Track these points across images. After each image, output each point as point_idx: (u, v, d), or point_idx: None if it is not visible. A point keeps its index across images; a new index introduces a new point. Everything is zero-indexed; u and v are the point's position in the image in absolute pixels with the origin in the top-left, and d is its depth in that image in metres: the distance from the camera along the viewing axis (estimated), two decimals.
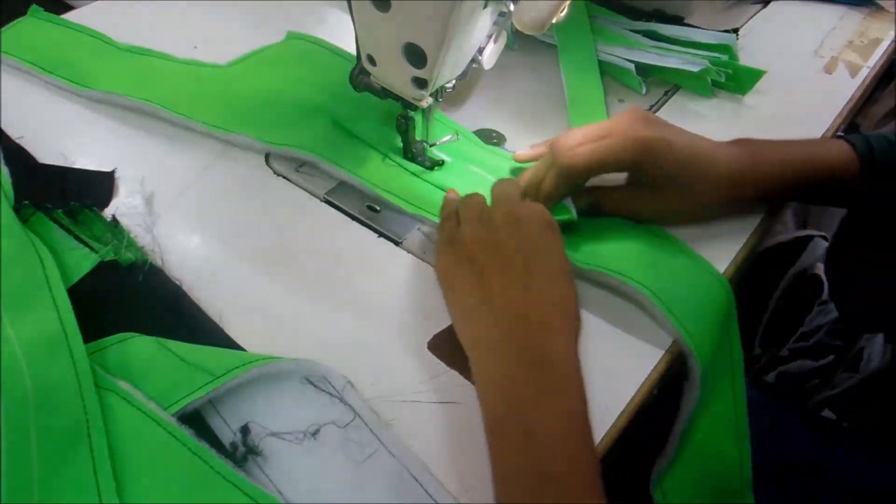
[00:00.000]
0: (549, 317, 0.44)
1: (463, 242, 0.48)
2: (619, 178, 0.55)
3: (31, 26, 0.74)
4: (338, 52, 0.72)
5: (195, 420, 0.44)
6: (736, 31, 0.73)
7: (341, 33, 0.75)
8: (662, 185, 0.53)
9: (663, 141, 0.52)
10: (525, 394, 0.41)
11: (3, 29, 0.72)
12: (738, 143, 0.56)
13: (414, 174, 0.59)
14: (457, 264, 0.47)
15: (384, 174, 0.59)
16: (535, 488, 0.39)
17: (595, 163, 0.52)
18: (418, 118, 0.59)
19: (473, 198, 0.52)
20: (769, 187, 0.55)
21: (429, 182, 0.59)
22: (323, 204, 0.59)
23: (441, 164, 0.60)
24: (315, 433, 0.44)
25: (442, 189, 0.58)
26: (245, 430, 0.44)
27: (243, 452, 0.43)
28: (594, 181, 0.55)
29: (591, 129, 0.53)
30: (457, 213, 0.51)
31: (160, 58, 0.71)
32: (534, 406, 0.40)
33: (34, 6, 0.75)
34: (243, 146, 0.63)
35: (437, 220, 0.55)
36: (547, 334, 0.43)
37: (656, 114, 0.68)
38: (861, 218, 0.63)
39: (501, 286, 0.45)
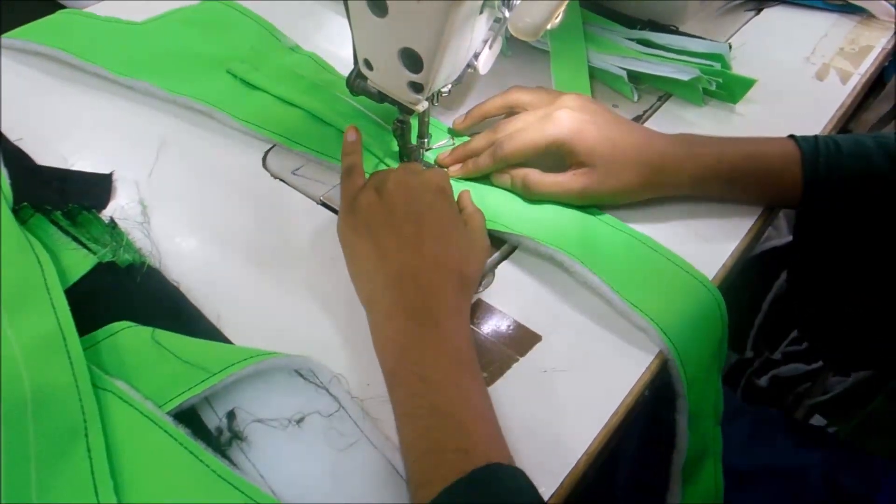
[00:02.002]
0: (436, 276, 0.47)
1: (359, 208, 0.51)
2: None
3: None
4: (249, 15, 0.77)
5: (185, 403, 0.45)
6: (730, 45, 0.74)
7: (339, 38, 0.76)
8: (589, 164, 0.57)
9: (589, 120, 0.56)
10: (414, 344, 0.45)
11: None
12: (679, 135, 0.59)
13: None
14: (354, 230, 0.51)
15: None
16: (431, 422, 0.42)
17: (528, 148, 0.57)
18: (414, 122, 0.60)
19: (381, 170, 0.56)
20: (702, 175, 0.57)
21: None
22: (319, 206, 0.60)
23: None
24: (300, 421, 0.45)
25: None
26: (231, 415, 0.45)
27: (228, 437, 0.43)
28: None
29: (529, 116, 0.59)
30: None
31: (80, 14, 0.76)
32: (422, 354, 0.44)
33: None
34: (142, 91, 0.68)
35: None
36: (434, 292, 0.47)
37: (646, 120, 0.69)
38: (810, 231, 0.64)
39: (394, 249, 0.48)
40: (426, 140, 0.61)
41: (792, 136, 0.58)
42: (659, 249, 0.55)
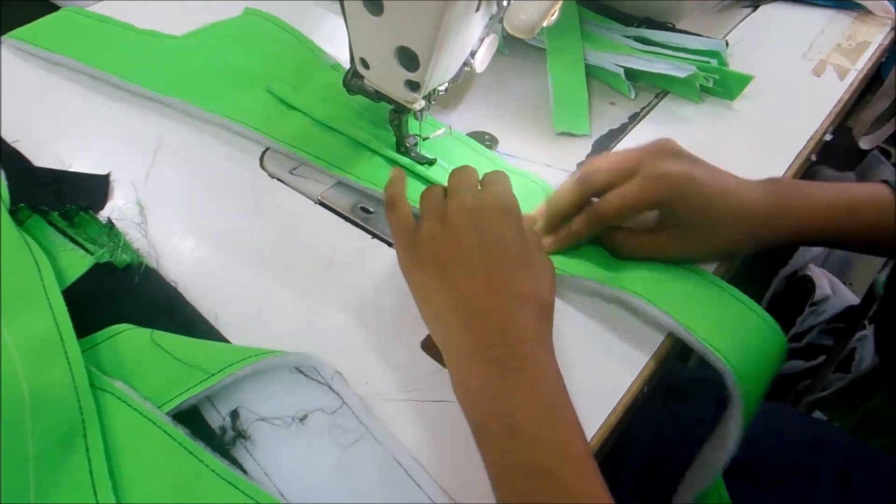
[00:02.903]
0: (514, 309, 0.43)
1: (422, 241, 0.47)
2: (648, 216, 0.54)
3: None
4: (290, 31, 0.74)
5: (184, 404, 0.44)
6: (727, 42, 0.74)
7: (335, 37, 0.76)
8: (690, 223, 0.51)
9: (690, 177, 0.50)
10: (499, 393, 0.41)
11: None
12: (770, 181, 0.54)
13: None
14: (418, 264, 0.47)
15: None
16: (530, 485, 0.38)
17: (628, 210, 0.50)
18: (411, 118, 0.60)
19: (431, 190, 0.50)
20: (802, 228, 0.53)
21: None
22: (317, 206, 0.59)
23: (433, 162, 0.61)
24: (303, 419, 0.45)
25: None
26: (234, 414, 0.45)
27: (232, 436, 0.44)
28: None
29: (617, 162, 0.52)
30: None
31: (119, 26, 0.74)
32: (510, 404, 0.40)
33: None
34: (179, 109, 0.66)
35: None
36: (512, 328, 0.43)
37: (644, 117, 0.69)
38: None
39: (465, 284, 0.44)
40: (416, 137, 0.61)
41: (885, 181, 0.54)
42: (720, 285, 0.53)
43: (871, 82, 0.84)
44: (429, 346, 0.49)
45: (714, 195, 0.50)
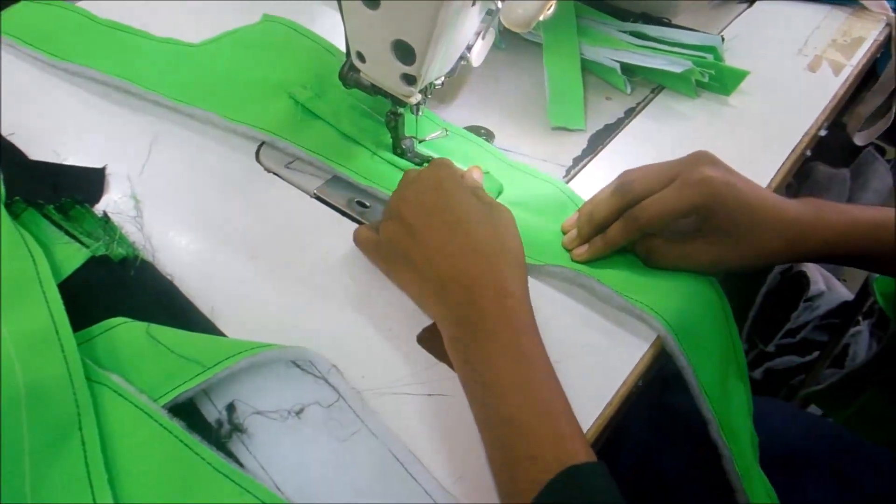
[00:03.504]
0: (474, 266, 0.46)
1: (386, 242, 0.51)
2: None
3: (26, 8, 0.76)
4: (310, 36, 0.73)
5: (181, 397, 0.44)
6: (722, 37, 0.74)
7: (332, 31, 0.76)
8: (729, 229, 0.51)
9: (729, 183, 0.50)
10: (472, 350, 0.44)
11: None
12: (805, 199, 0.54)
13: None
14: (390, 263, 0.51)
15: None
16: (503, 433, 0.41)
17: (667, 215, 0.50)
18: (408, 114, 0.60)
19: (386, 204, 0.54)
20: (839, 243, 0.53)
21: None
22: (313, 200, 0.59)
23: (430, 160, 0.61)
24: (299, 412, 0.45)
25: None
26: (230, 408, 0.45)
27: (228, 430, 0.44)
28: None
29: (656, 169, 0.52)
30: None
31: (138, 35, 0.73)
32: (481, 359, 0.43)
33: None
34: (202, 120, 0.65)
35: None
36: (475, 282, 0.45)
37: (640, 112, 0.69)
38: None
39: (428, 264, 0.47)
40: (413, 139, 0.61)
41: None
42: None
43: (867, 78, 0.84)
44: (424, 340, 0.50)
45: (754, 201, 0.51)
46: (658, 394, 0.69)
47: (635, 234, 0.52)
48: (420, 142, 0.61)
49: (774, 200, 0.52)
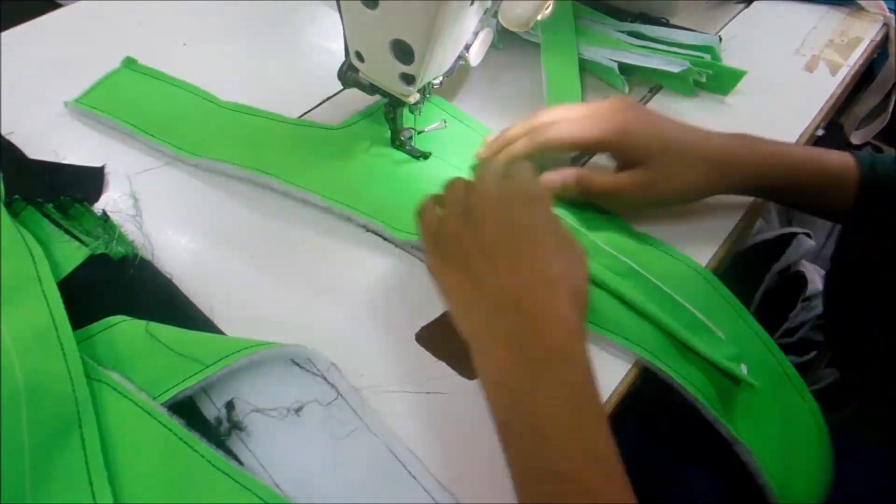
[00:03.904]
0: (541, 295, 0.41)
1: (446, 239, 0.45)
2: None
3: (127, 79, 0.69)
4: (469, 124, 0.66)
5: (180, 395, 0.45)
6: (720, 37, 0.75)
7: (330, 31, 0.76)
8: (645, 162, 0.52)
9: (641, 119, 0.52)
10: (525, 389, 0.38)
11: (97, 82, 0.68)
12: (738, 133, 0.55)
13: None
14: (444, 262, 0.45)
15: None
16: (552, 488, 0.36)
17: (571, 140, 0.52)
18: (408, 114, 0.60)
19: (453, 185, 0.49)
20: (759, 175, 0.54)
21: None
22: None
23: (428, 155, 0.61)
24: (298, 410, 0.45)
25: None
26: (230, 405, 0.45)
27: (227, 428, 0.44)
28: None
29: (571, 109, 0.54)
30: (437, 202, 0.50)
31: (266, 118, 0.65)
32: (536, 402, 0.38)
33: (127, 57, 0.70)
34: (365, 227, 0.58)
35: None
36: (541, 318, 0.40)
37: None
38: (855, 248, 0.58)
39: (490, 274, 0.42)
40: (412, 130, 0.61)
41: (852, 153, 0.56)
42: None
43: (863, 78, 0.84)
44: (423, 339, 0.50)
45: (669, 133, 0.53)
46: (655, 392, 0.69)
47: (537, 149, 0.53)
48: (418, 133, 0.61)
49: (697, 132, 0.54)
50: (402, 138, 0.61)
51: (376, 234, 0.56)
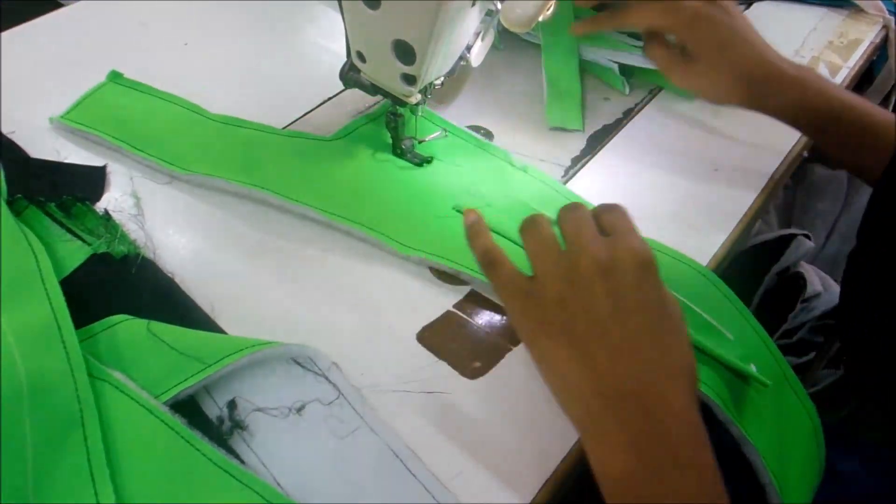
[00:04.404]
0: (665, 388, 0.37)
1: (547, 304, 0.40)
2: None
3: (113, 94, 0.67)
4: (485, 147, 0.64)
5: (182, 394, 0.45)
6: None
7: (332, 31, 0.76)
8: (695, 60, 0.58)
9: (715, 12, 0.57)
10: (648, 492, 0.36)
11: (83, 97, 0.66)
12: (802, 66, 0.60)
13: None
14: (543, 330, 0.40)
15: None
16: None
17: (647, 19, 0.59)
18: (408, 115, 0.60)
19: (541, 233, 0.42)
20: (810, 103, 0.58)
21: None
22: None
23: (430, 160, 0.61)
24: (300, 409, 0.45)
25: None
26: (231, 404, 0.45)
27: (229, 427, 0.44)
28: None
29: None
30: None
31: (258, 129, 0.64)
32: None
33: (113, 71, 0.68)
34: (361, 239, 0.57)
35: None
36: (667, 413, 0.37)
37: (637, 113, 0.70)
38: (884, 212, 0.57)
39: (606, 360, 0.38)
40: (413, 139, 0.61)
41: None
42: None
43: (863, 80, 0.84)
44: (425, 338, 0.50)
45: (740, 29, 0.58)
46: None
47: (615, 26, 0.63)
48: (419, 142, 0.62)
49: (763, 42, 0.59)
50: (404, 146, 0.61)
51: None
